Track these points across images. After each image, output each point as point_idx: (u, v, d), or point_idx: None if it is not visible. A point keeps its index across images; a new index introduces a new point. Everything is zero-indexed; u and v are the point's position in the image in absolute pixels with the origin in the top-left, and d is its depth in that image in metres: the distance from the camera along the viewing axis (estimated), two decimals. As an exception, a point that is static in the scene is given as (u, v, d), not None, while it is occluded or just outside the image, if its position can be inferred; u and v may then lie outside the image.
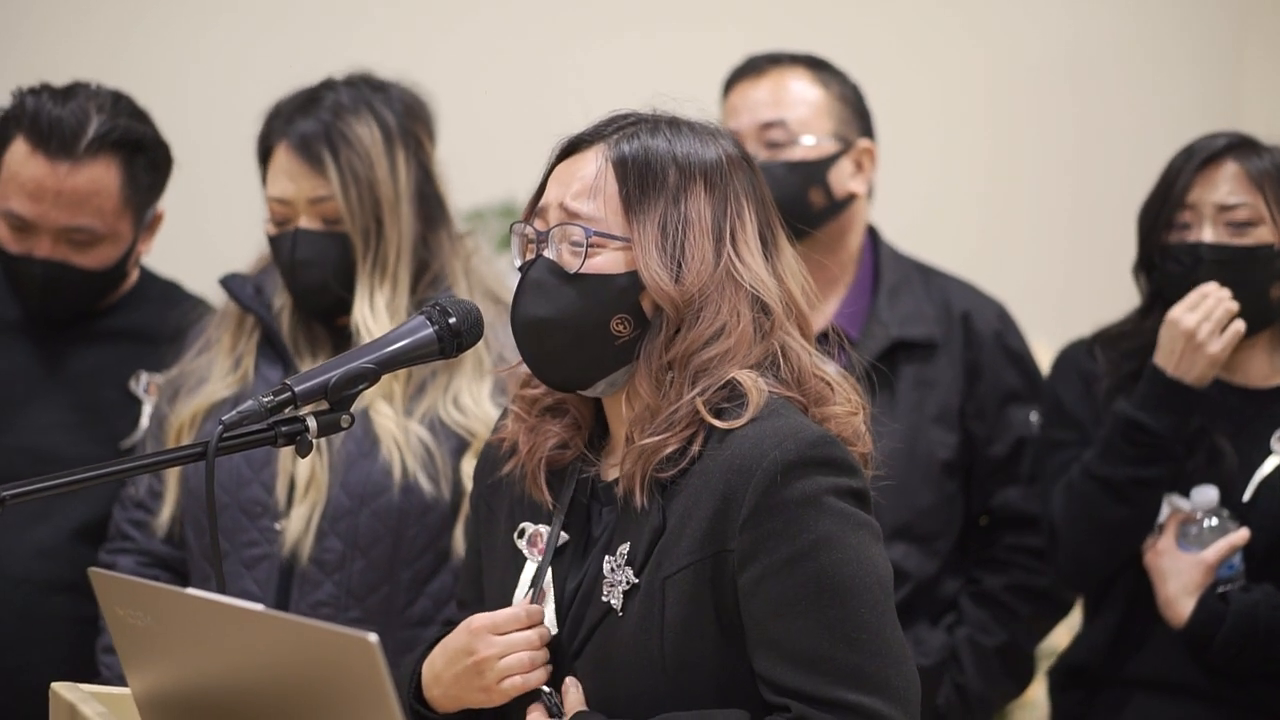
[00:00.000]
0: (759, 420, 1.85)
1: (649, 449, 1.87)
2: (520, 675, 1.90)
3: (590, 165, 1.93)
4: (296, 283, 2.65)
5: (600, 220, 1.91)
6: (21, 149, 2.76)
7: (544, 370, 1.95)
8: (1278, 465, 2.71)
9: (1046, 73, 4.67)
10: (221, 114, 2.77)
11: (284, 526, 2.59)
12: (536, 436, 1.99)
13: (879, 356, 2.88)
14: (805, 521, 1.81)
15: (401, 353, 1.90)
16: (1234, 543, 2.67)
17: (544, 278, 1.92)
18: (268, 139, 2.69)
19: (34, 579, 2.79)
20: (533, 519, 1.99)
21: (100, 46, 4.12)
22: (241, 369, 2.69)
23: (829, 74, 3.03)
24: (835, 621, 1.80)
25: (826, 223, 2.97)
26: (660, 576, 1.85)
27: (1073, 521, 2.76)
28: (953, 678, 2.96)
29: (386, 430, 2.59)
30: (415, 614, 2.61)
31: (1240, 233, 2.70)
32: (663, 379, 1.89)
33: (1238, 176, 2.70)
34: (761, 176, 1.99)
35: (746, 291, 1.90)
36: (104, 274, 2.82)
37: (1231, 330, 2.65)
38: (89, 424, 2.84)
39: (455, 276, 2.68)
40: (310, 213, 2.63)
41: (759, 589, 1.82)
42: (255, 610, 1.54)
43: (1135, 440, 2.68)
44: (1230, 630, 2.64)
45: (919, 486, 2.94)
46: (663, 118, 1.98)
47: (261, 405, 1.80)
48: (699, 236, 1.90)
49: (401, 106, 2.69)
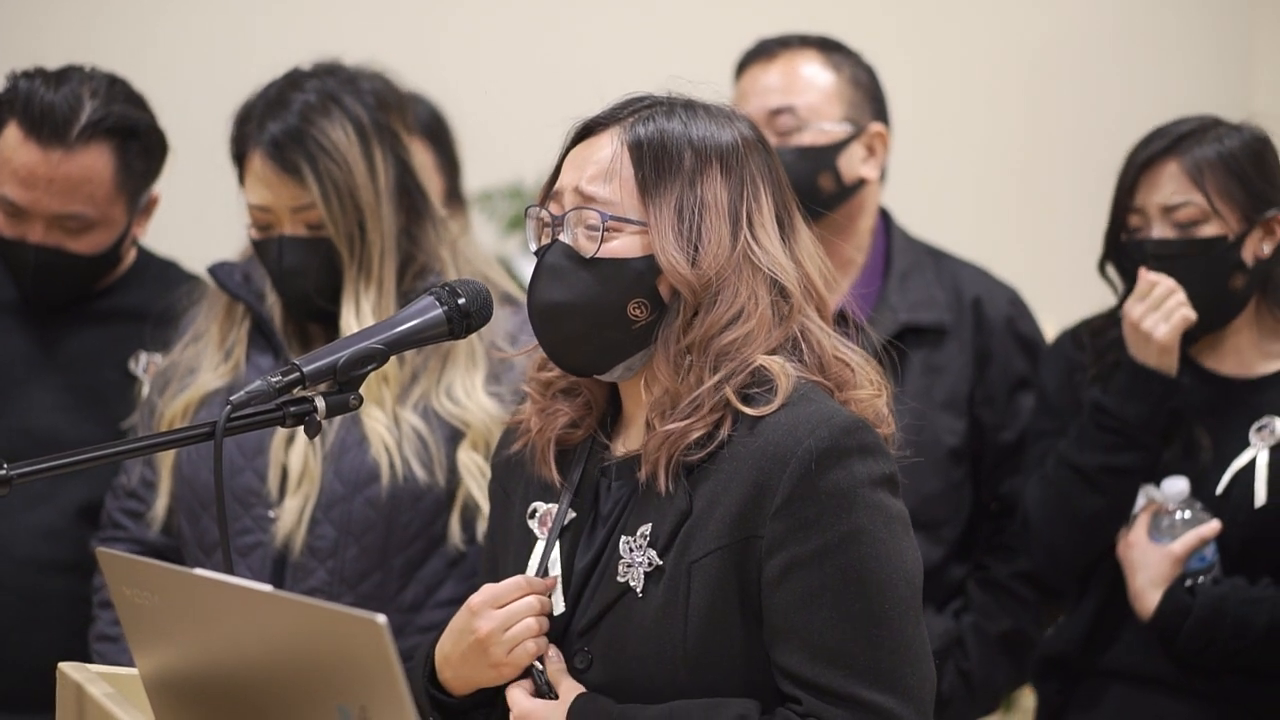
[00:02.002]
0: (790, 406, 1.85)
1: (675, 434, 1.86)
2: (532, 641, 1.89)
3: (606, 149, 1.93)
4: (287, 289, 2.62)
5: (616, 204, 1.90)
6: (14, 135, 2.74)
7: (561, 355, 1.94)
8: (1253, 458, 2.70)
9: (1057, 58, 4.66)
10: (219, 95, 2.75)
11: (277, 514, 2.58)
12: (547, 416, 1.99)
13: (887, 341, 2.87)
14: (838, 513, 1.81)
15: (410, 333, 1.89)
16: (1203, 535, 2.66)
17: (560, 262, 1.91)
18: (240, 142, 2.64)
19: (38, 559, 2.78)
20: (545, 499, 1.98)
21: (97, 29, 4.11)
22: (233, 359, 2.67)
23: (841, 56, 3.01)
24: (858, 616, 1.80)
25: (836, 208, 2.96)
26: (687, 561, 1.84)
27: (1046, 511, 2.76)
28: (957, 663, 2.96)
29: (377, 418, 2.58)
30: (407, 600, 2.60)
31: (1188, 229, 2.68)
32: (681, 363, 1.88)
33: (1178, 176, 2.68)
34: (777, 159, 1.98)
35: (764, 274, 1.90)
36: (97, 259, 2.81)
37: (1177, 316, 2.64)
38: (89, 404, 2.83)
39: (444, 264, 2.66)
40: (293, 220, 2.60)
41: (786, 577, 1.82)
42: (263, 591, 1.54)
43: (1105, 427, 2.69)
44: (1196, 623, 2.64)
45: (925, 473, 2.92)
46: (678, 100, 1.97)
47: (270, 385, 1.79)
48: (715, 219, 1.89)
49: (373, 99, 2.64)
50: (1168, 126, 2.74)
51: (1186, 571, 2.68)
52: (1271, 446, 2.69)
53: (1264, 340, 2.77)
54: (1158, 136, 2.73)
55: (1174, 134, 2.71)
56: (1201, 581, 2.67)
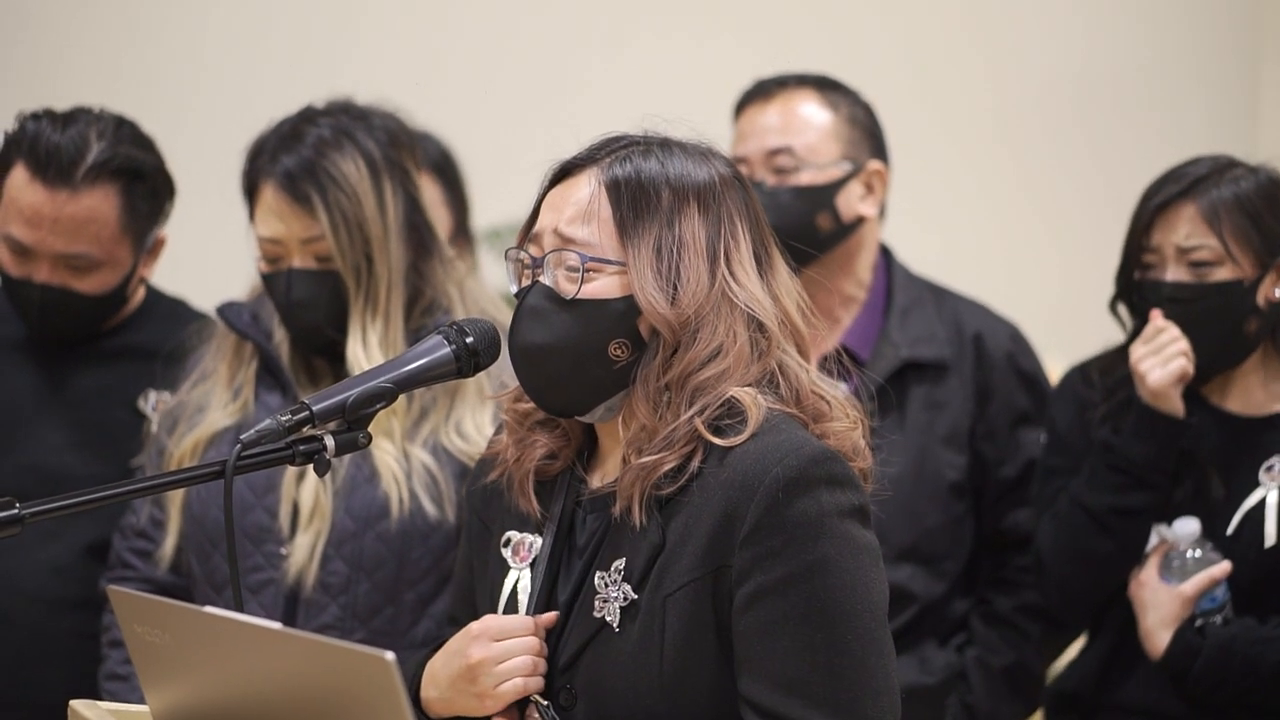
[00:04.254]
0: (760, 436, 1.85)
1: (647, 467, 1.86)
2: (522, 679, 1.89)
3: (583, 189, 1.93)
4: (294, 323, 2.64)
5: (595, 245, 1.91)
6: (21, 175, 2.75)
7: (542, 397, 1.95)
8: (1263, 497, 2.70)
9: (1060, 91, 4.68)
10: (228, 136, 2.77)
11: (289, 551, 2.59)
12: (525, 447, 2.00)
13: (889, 377, 2.88)
14: (804, 543, 1.81)
15: (419, 372, 1.90)
16: (1214, 575, 2.66)
17: (541, 304, 1.92)
18: (252, 175, 2.66)
19: (47, 597, 2.79)
20: (519, 529, 1.99)
21: (104, 67, 4.14)
22: (241, 398, 2.68)
23: (839, 95, 3.03)
24: (820, 647, 1.80)
25: (835, 246, 2.98)
26: (661, 595, 1.85)
27: (1059, 551, 2.76)
28: (961, 698, 2.96)
29: (387, 452, 2.59)
30: (419, 635, 2.60)
31: (1203, 271, 2.69)
32: (659, 400, 1.89)
33: (1194, 219, 2.68)
34: (755, 196, 1.99)
35: (742, 311, 1.90)
36: (103, 299, 2.82)
37: (1174, 365, 2.65)
38: (99, 443, 2.84)
39: (451, 301, 2.67)
40: (303, 252, 2.61)
41: (751, 606, 1.82)
42: (273, 629, 1.55)
43: (1114, 467, 2.69)
44: (1205, 663, 2.63)
45: (927, 508, 2.94)
46: (654, 139, 1.97)
47: (279, 424, 1.81)
48: (693, 258, 1.90)
49: (385, 135, 2.66)
50: (1184, 167, 2.74)
51: (1197, 612, 2.67)
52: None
53: (1272, 380, 2.77)
54: (1174, 178, 2.73)
55: (1191, 176, 2.71)
56: (1212, 622, 2.67)
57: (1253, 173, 2.73)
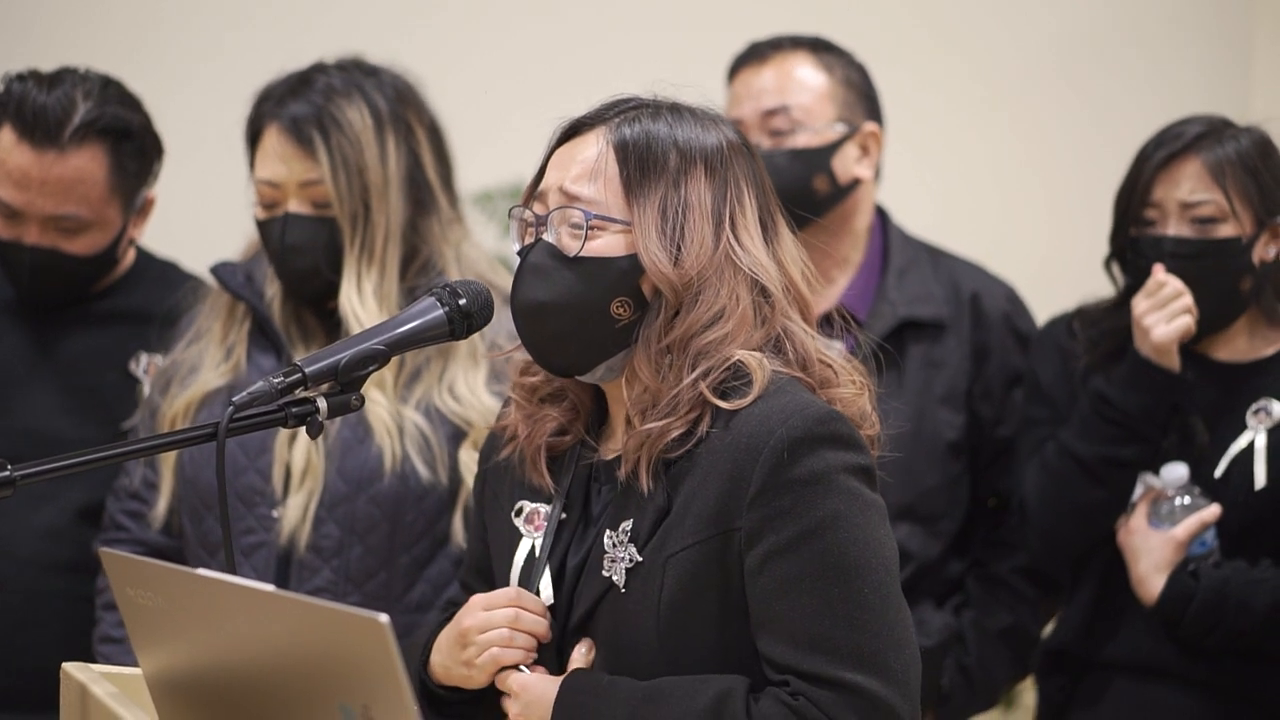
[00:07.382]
0: (765, 398, 1.86)
1: (654, 434, 1.87)
2: (498, 649, 1.91)
3: (591, 148, 1.93)
4: (286, 268, 2.64)
5: (600, 203, 1.91)
6: (8, 137, 2.75)
7: (544, 355, 1.95)
8: (1251, 440, 2.71)
9: (1054, 51, 4.66)
10: (219, 97, 2.76)
11: (281, 514, 2.59)
12: (535, 423, 2.00)
13: (886, 336, 2.87)
14: (813, 500, 1.81)
15: (412, 334, 1.90)
16: (1204, 519, 2.68)
17: (543, 261, 1.92)
18: (257, 121, 2.67)
19: (39, 560, 2.79)
20: (531, 499, 2.00)
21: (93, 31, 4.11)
22: (234, 358, 2.68)
23: (833, 57, 3.01)
24: (838, 601, 1.80)
25: (832, 208, 2.97)
26: (664, 555, 1.85)
27: (1045, 500, 2.77)
28: (958, 659, 2.96)
29: (379, 417, 2.59)
30: (413, 599, 2.61)
31: (1206, 228, 2.70)
32: (661, 362, 1.89)
33: (1199, 173, 2.69)
34: (761, 163, 1.99)
35: (745, 275, 1.90)
36: (93, 260, 2.82)
37: (1179, 321, 2.66)
38: (90, 406, 2.84)
39: (446, 262, 2.67)
40: (300, 196, 2.62)
41: (765, 567, 1.82)
42: (266, 590, 1.54)
43: (1108, 418, 2.70)
44: (1200, 606, 2.65)
45: (924, 467, 2.94)
46: (664, 103, 1.98)
47: (272, 386, 1.80)
48: (699, 220, 1.90)
49: (393, 91, 2.67)
50: (1180, 125, 2.75)
51: (1188, 556, 2.69)
52: (1269, 429, 2.71)
53: (1257, 327, 2.79)
54: (1172, 135, 2.73)
55: (1191, 133, 2.72)
56: (1205, 565, 2.68)
57: (1246, 131, 2.74)
